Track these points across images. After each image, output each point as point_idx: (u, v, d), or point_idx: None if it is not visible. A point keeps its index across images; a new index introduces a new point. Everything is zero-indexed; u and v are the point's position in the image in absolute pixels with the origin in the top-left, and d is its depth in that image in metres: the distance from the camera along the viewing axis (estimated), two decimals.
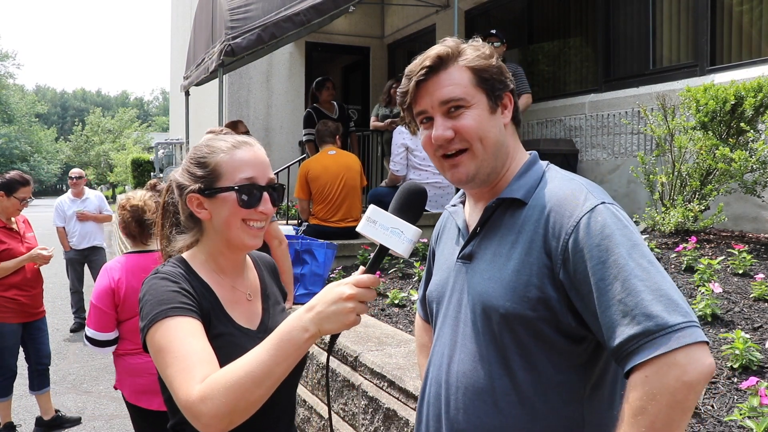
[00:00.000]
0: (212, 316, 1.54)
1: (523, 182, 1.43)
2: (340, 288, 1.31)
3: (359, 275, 1.34)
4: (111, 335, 3.22)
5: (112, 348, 3.27)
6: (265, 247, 3.79)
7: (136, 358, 3.23)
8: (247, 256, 1.78)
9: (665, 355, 1.12)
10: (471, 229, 1.50)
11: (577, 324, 1.30)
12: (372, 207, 1.37)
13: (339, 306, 1.30)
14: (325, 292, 1.33)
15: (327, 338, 1.41)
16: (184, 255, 1.64)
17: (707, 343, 1.15)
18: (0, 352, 4.90)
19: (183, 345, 1.37)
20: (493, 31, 6.88)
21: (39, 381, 5.17)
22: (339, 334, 1.37)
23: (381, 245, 1.37)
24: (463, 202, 1.62)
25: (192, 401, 1.28)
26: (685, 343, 1.12)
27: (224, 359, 1.36)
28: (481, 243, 1.45)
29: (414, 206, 1.41)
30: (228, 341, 1.53)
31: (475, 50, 1.45)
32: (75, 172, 8.60)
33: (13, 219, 5.02)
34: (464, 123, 1.41)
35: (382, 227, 1.35)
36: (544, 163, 1.50)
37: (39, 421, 5.16)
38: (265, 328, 1.63)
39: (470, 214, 1.56)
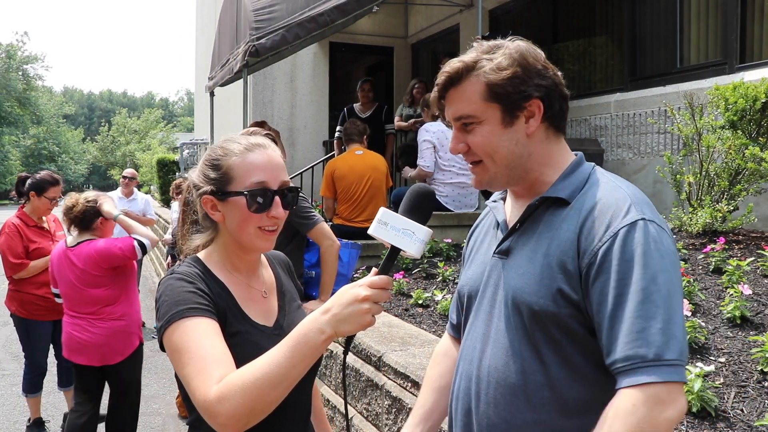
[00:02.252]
0: (228, 314, 1.54)
1: (568, 182, 1.43)
2: (355, 290, 1.32)
3: (373, 277, 1.35)
4: None
5: None
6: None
7: None
8: (262, 254, 1.78)
9: (653, 385, 1.17)
10: (510, 225, 1.50)
11: None
12: (383, 209, 1.39)
13: (354, 308, 1.30)
14: (340, 294, 1.33)
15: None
16: (199, 254, 1.65)
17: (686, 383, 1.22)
18: (31, 350, 4.99)
19: (200, 345, 1.38)
20: (487, 34, 6.68)
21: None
22: (355, 335, 1.38)
23: (393, 246, 1.38)
24: (504, 198, 1.62)
25: (209, 402, 1.29)
26: (673, 380, 1.18)
27: (241, 357, 1.37)
28: (520, 239, 1.45)
29: (424, 207, 1.42)
30: (244, 339, 1.53)
31: (490, 62, 1.41)
32: (129, 172, 8.67)
33: (44, 218, 5.11)
34: (473, 140, 1.44)
35: (394, 229, 1.36)
36: (590, 164, 1.49)
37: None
38: (281, 325, 1.64)
39: (510, 210, 1.56)
